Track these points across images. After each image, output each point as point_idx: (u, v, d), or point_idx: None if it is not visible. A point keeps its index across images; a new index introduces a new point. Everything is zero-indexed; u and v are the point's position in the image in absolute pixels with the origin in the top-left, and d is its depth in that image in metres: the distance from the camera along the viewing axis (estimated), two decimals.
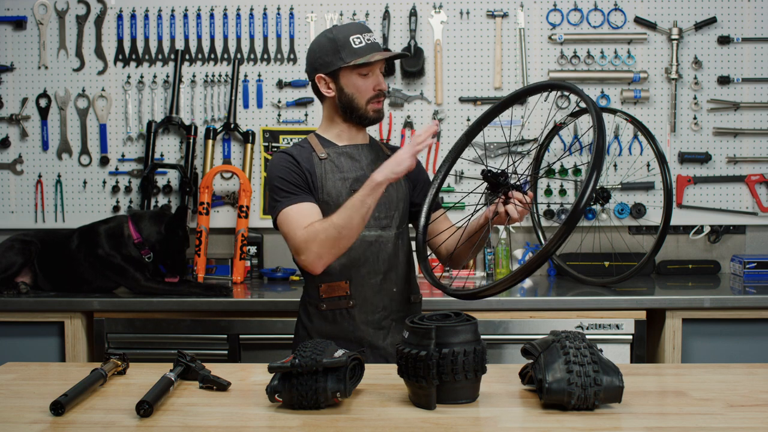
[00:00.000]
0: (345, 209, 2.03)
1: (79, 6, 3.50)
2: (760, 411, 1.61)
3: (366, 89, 2.17)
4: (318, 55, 2.18)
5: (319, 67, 2.18)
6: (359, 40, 2.15)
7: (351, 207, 2.02)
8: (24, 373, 1.95)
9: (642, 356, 2.87)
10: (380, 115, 2.22)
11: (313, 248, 2.04)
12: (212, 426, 1.55)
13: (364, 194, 2.02)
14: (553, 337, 1.69)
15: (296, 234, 2.07)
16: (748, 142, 3.47)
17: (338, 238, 2.03)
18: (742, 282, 3.24)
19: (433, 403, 1.60)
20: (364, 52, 2.14)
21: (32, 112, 3.53)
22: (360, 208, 2.01)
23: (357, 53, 2.13)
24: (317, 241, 2.03)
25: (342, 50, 2.14)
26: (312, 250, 2.04)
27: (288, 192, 2.13)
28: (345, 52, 2.14)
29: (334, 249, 2.05)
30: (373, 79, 2.18)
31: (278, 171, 2.16)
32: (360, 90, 2.17)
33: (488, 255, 3.43)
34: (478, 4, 3.47)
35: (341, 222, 2.02)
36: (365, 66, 2.15)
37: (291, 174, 2.15)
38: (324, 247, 2.03)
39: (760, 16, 3.45)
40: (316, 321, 2.21)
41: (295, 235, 2.07)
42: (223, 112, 3.51)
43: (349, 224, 2.02)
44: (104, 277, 3.04)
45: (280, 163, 2.18)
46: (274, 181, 2.16)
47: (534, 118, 3.47)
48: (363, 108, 2.19)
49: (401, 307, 2.25)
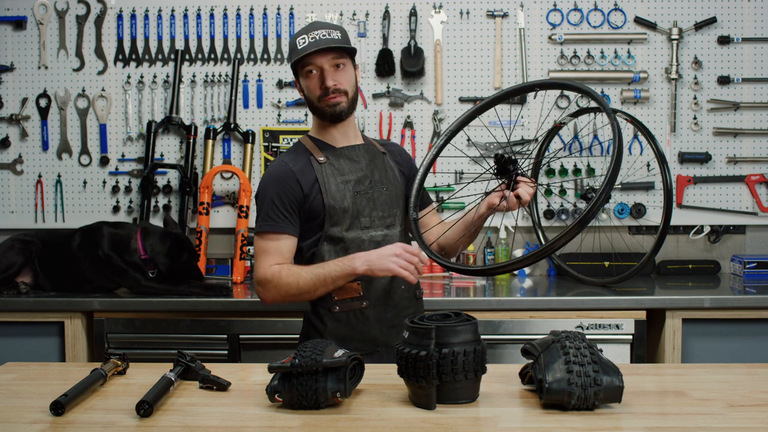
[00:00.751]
0: (314, 278, 2.11)
1: (79, 6, 3.50)
2: (760, 411, 1.61)
3: (313, 88, 2.20)
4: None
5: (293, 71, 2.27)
6: (303, 40, 2.16)
7: (321, 281, 2.11)
8: (24, 373, 1.95)
9: (642, 356, 2.87)
10: (336, 110, 2.20)
11: (271, 290, 2.18)
12: (212, 426, 1.55)
13: (338, 276, 2.10)
14: (553, 337, 1.69)
15: (263, 268, 2.17)
16: (748, 142, 3.47)
17: (296, 296, 2.16)
18: (742, 282, 3.24)
19: (433, 403, 1.60)
20: (303, 51, 2.16)
21: (32, 112, 3.53)
22: (328, 285, 2.12)
23: (297, 53, 2.17)
24: (277, 288, 2.15)
25: (292, 53, 2.20)
26: (269, 291, 2.18)
27: (272, 218, 2.17)
28: (293, 54, 2.19)
29: (288, 300, 2.19)
30: (318, 76, 2.18)
31: (271, 191, 2.18)
32: (309, 89, 2.21)
33: (488, 255, 3.43)
34: (478, 4, 3.47)
35: (306, 288, 2.12)
36: (307, 65, 2.17)
37: (284, 196, 2.17)
38: (280, 295, 2.17)
39: (760, 16, 3.45)
40: (330, 323, 2.20)
41: (262, 268, 2.18)
42: (223, 112, 3.51)
43: (312, 293, 2.14)
44: (104, 277, 3.04)
45: (275, 183, 2.19)
46: (264, 201, 2.20)
47: (534, 119, 3.47)
48: (317, 105, 2.21)
49: (410, 303, 2.27)
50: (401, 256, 2.04)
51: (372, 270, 2.06)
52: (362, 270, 2.06)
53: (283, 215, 2.17)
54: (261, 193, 2.22)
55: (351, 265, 2.07)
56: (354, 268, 2.07)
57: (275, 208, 2.17)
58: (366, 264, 2.06)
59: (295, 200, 2.17)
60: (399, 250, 2.06)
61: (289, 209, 2.17)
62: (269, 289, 2.16)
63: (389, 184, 2.27)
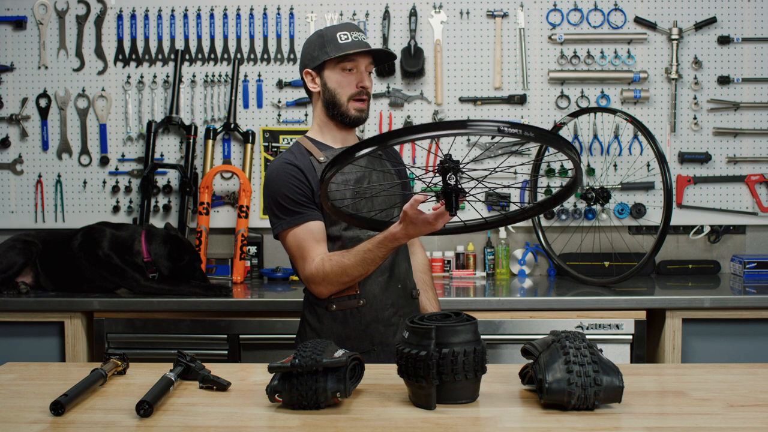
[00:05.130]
0: (361, 262, 2.06)
1: (79, 6, 3.50)
2: (760, 411, 1.61)
3: (348, 84, 2.17)
4: (307, 51, 2.21)
5: (307, 62, 2.21)
6: (346, 36, 2.15)
7: (370, 261, 2.06)
8: (24, 373, 1.95)
9: (642, 356, 2.87)
10: (362, 115, 2.21)
11: (323, 285, 2.13)
12: (212, 426, 1.55)
13: (384, 252, 2.05)
14: (553, 337, 1.69)
15: (308, 265, 2.12)
16: (748, 142, 3.48)
17: (349, 282, 2.12)
18: (742, 282, 3.24)
19: (433, 403, 1.60)
20: (348, 47, 2.14)
21: (32, 112, 3.53)
22: (377, 262, 2.07)
23: (341, 48, 2.14)
24: (327, 280, 2.12)
25: (328, 45, 2.16)
26: (321, 286, 2.13)
27: (293, 211, 2.13)
28: (330, 46, 2.15)
29: (342, 287, 2.14)
30: (357, 75, 2.18)
31: (282, 187, 2.13)
32: (342, 85, 2.17)
33: (489, 255, 3.43)
34: (478, 4, 3.47)
35: (356, 273, 2.09)
36: (348, 61, 2.16)
37: (296, 188, 2.13)
38: (333, 286, 2.13)
39: (760, 16, 3.45)
40: (326, 322, 2.19)
41: (307, 266, 2.13)
42: (223, 112, 3.51)
43: (363, 273, 2.10)
44: (104, 277, 3.04)
45: (283, 177, 2.14)
46: (278, 197, 2.13)
47: (534, 119, 3.47)
48: (344, 105, 2.18)
49: (406, 302, 2.27)
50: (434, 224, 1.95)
51: (409, 235, 2.00)
52: (404, 239, 2.01)
53: (301, 204, 2.13)
54: (270, 192, 2.16)
55: (394, 237, 2.00)
56: (396, 239, 2.01)
57: (290, 201, 2.12)
58: (407, 238, 2.01)
59: (308, 190, 2.14)
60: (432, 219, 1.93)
61: (303, 199, 2.13)
62: (321, 284, 2.12)
63: (387, 185, 2.27)
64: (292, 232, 2.13)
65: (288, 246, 2.16)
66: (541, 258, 3.51)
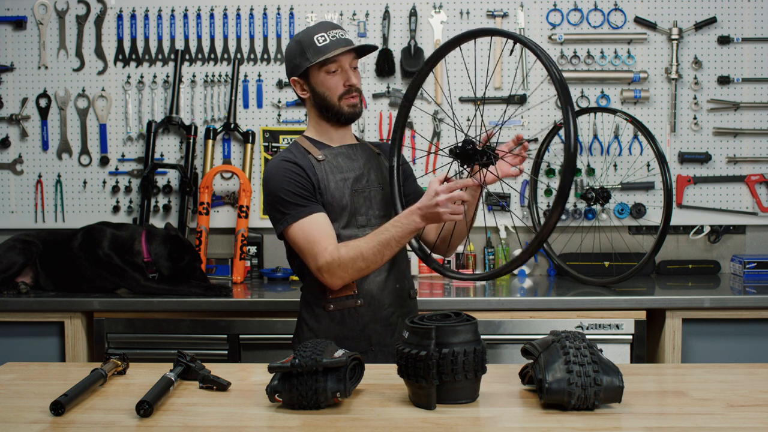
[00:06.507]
0: (378, 245, 2.03)
1: (79, 6, 3.50)
2: (760, 411, 1.61)
3: (335, 86, 2.17)
4: (289, 59, 2.21)
5: (292, 70, 2.21)
6: (323, 38, 2.15)
7: (386, 245, 2.03)
8: (24, 373, 1.95)
9: (642, 356, 2.87)
10: (356, 110, 2.21)
11: (339, 273, 2.08)
12: (212, 426, 1.55)
13: (403, 236, 2.02)
14: (553, 337, 1.69)
15: (321, 255, 2.08)
16: (748, 142, 3.48)
17: (365, 269, 2.08)
18: (742, 282, 3.24)
19: (433, 403, 1.60)
20: (327, 49, 2.14)
21: (32, 112, 3.53)
22: (393, 247, 2.04)
23: (321, 51, 2.14)
24: (343, 267, 2.06)
25: (307, 51, 2.15)
26: (336, 274, 2.08)
27: (296, 204, 2.11)
28: (310, 51, 2.15)
29: (358, 276, 2.11)
30: (342, 75, 2.18)
31: (282, 182, 2.12)
32: (330, 88, 2.17)
33: (489, 255, 3.43)
34: (478, 4, 3.47)
35: (372, 258, 2.05)
36: (331, 63, 2.15)
37: (296, 183, 2.12)
38: (348, 274, 2.09)
39: (760, 16, 3.45)
40: (324, 322, 2.19)
41: (320, 256, 2.08)
42: (223, 112, 3.51)
43: (379, 260, 2.06)
44: (104, 277, 3.04)
45: (283, 173, 2.14)
46: (279, 193, 2.12)
47: (534, 119, 3.47)
48: (336, 105, 2.18)
49: (404, 302, 2.27)
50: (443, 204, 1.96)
51: (429, 222, 2.01)
52: (424, 224, 2.01)
53: (304, 197, 2.12)
54: (271, 190, 2.15)
55: (414, 221, 2.00)
56: (417, 224, 2.01)
57: (292, 195, 2.11)
58: (424, 219, 2.00)
59: (309, 185, 2.14)
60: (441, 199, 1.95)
61: (305, 193, 2.13)
62: (336, 272, 2.07)
63: (385, 184, 2.26)
64: (299, 226, 2.10)
65: (295, 240, 2.12)
66: (541, 258, 3.51)
